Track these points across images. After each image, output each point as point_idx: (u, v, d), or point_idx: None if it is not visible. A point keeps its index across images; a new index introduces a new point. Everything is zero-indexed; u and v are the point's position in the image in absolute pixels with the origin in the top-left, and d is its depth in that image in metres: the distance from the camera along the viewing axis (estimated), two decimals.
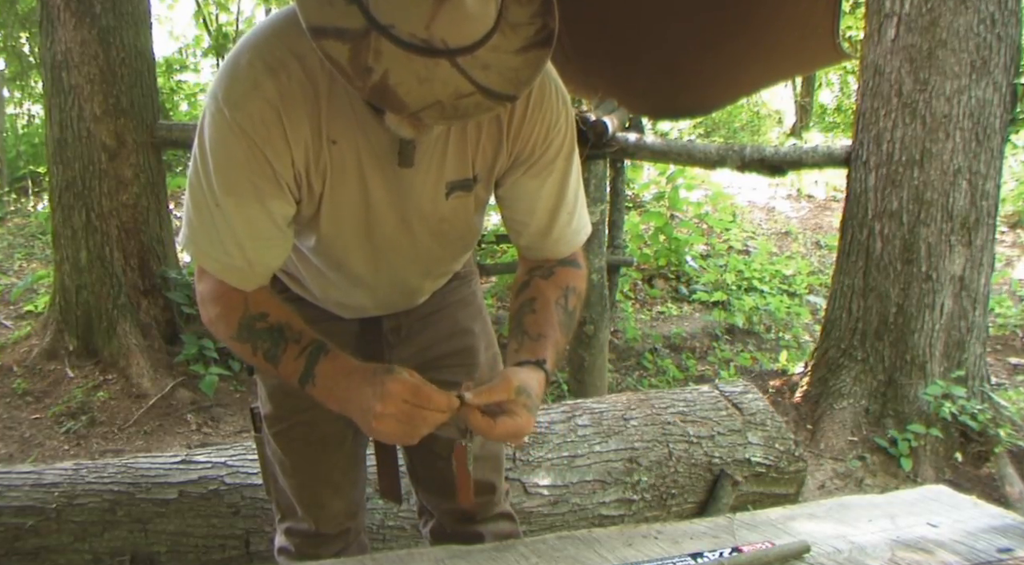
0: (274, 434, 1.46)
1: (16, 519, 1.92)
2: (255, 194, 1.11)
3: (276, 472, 1.50)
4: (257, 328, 1.18)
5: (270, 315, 1.19)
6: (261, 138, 1.08)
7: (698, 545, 1.22)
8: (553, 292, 1.32)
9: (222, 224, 1.12)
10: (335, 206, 1.18)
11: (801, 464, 2.52)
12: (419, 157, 1.16)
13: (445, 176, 1.21)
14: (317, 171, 1.14)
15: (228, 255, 1.14)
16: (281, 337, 1.18)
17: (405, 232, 1.25)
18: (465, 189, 1.23)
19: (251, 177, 1.10)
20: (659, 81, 4.56)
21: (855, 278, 3.51)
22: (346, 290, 1.35)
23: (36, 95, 8.39)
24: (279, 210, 1.14)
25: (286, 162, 1.11)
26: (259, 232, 1.14)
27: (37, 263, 5.74)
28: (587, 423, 2.37)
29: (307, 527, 1.49)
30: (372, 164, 1.16)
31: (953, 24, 3.21)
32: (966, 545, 1.22)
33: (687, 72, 4.47)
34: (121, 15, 3.76)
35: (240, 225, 1.12)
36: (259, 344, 1.18)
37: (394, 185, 1.19)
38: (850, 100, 11.31)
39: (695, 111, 6.60)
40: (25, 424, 3.50)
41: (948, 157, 3.28)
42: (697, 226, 6.61)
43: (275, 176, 1.11)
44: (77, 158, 3.76)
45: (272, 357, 1.18)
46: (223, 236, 1.13)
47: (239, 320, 1.18)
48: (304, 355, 1.16)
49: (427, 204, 1.22)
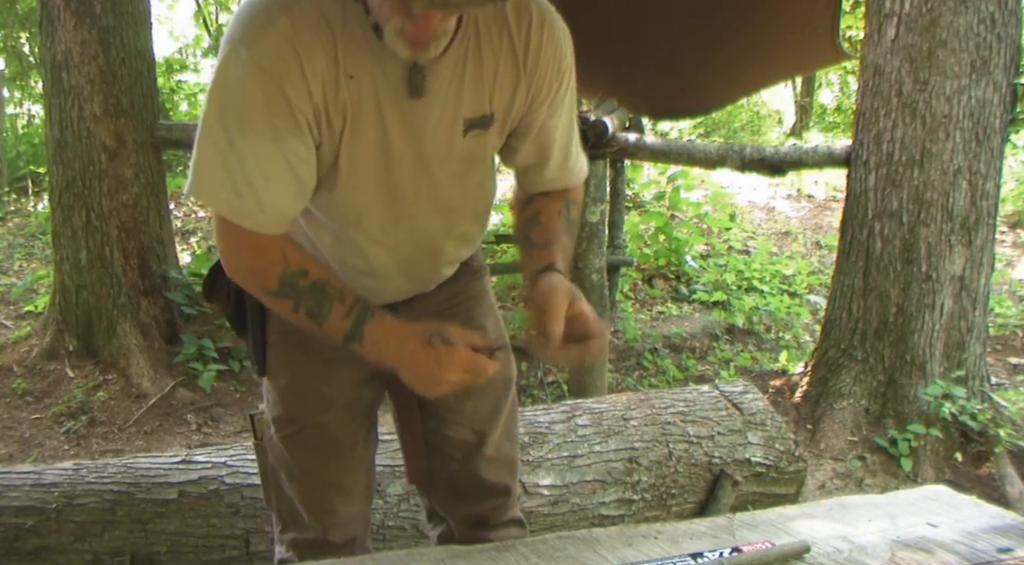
0: (283, 437, 1.43)
1: (16, 519, 1.92)
2: (271, 133, 1.09)
3: (280, 479, 1.47)
4: (300, 285, 1.18)
5: (311, 272, 1.19)
6: (278, 72, 1.07)
7: (698, 545, 1.22)
8: (555, 204, 1.39)
9: (235, 164, 1.11)
10: (355, 146, 1.17)
11: (801, 464, 2.52)
12: (435, 92, 1.16)
13: (462, 113, 1.20)
14: (336, 107, 1.13)
15: (240, 196, 1.12)
16: (325, 295, 1.18)
17: (424, 173, 1.23)
18: (483, 127, 1.23)
19: (267, 115, 1.09)
20: (659, 81, 4.56)
21: (855, 278, 3.51)
22: (367, 254, 1.31)
23: (36, 95, 8.39)
24: (294, 151, 1.12)
25: (304, 96, 1.10)
26: (272, 174, 1.12)
27: (37, 263, 5.74)
28: (587, 423, 2.37)
29: (313, 536, 1.46)
30: (388, 99, 1.15)
31: (953, 24, 3.21)
32: (966, 545, 1.22)
33: (687, 72, 4.47)
34: (121, 15, 3.76)
35: (253, 166, 1.11)
36: (302, 301, 1.18)
37: (411, 121, 1.17)
38: (850, 100, 11.31)
39: (695, 111, 6.60)
40: (25, 424, 3.50)
41: (948, 157, 3.28)
42: (697, 226, 6.60)
43: (292, 113, 1.10)
44: (77, 158, 3.76)
45: (316, 315, 1.18)
46: (235, 177, 1.11)
47: (279, 276, 1.17)
48: (351, 314, 1.18)
49: (444, 141, 1.21)
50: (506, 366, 1.51)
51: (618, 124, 3.82)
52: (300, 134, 1.12)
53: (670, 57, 4.29)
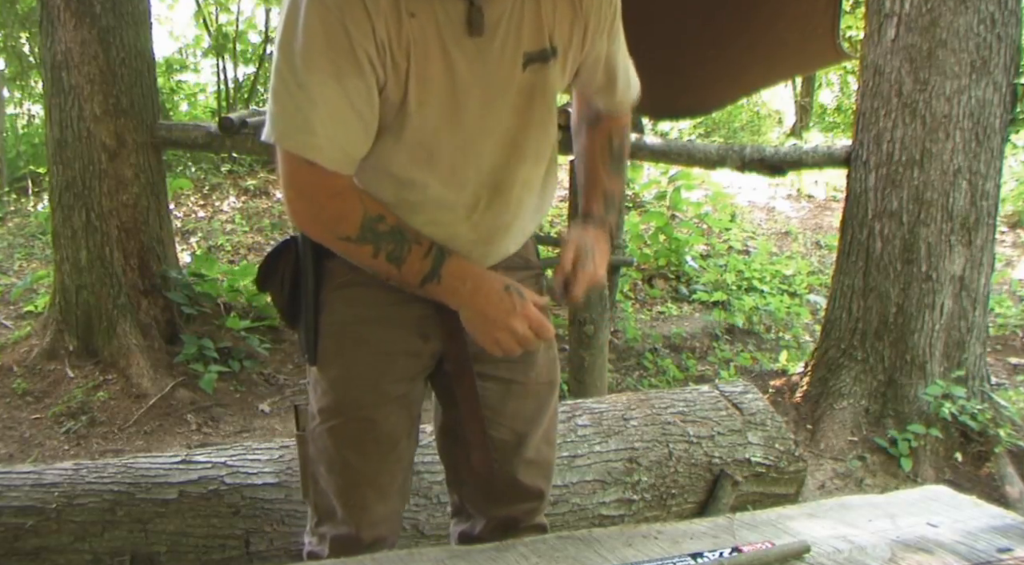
0: (328, 428, 1.41)
1: (16, 519, 1.92)
2: (334, 72, 1.12)
3: (319, 472, 1.46)
4: (380, 230, 1.21)
5: (387, 217, 1.22)
6: (341, 11, 1.10)
7: (698, 545, 1.22)
8: (600, 139, 1.48)
9: (305, 103, 1.14)
10: (422, 83, 1.18)
11: (801, 464, 2.52)
12: (494, 27, 1.19)
13: (522, 46, 1.22)
14: (400, 46, 1.15)
15: (313, 134, 1.15)
16: (403, 239, 1.22)
17: (489, 106, 1.25)
18: (542, 61, 1.25)
19: (330, 54, 1.11)
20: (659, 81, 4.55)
21: (855, 278, 3.51)
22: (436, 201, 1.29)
23: (36, 95, 8.39)
24: (356, 91, 1.14)
25: (367, 33, 1.12)
26: (337, 112, 1.15)
27: (37, 263, 5.74)
28: (587, 423, 2.37)
29: (346, 532, 1.44)
30: (451, 36, 1.17)
31: (953, 24, 3.21)
32: (966, 545, 1.22)
33: (687, 72, 4.47)
34: (121, 15, 3.75)
35: (321, 103, 1.13)
36: (383, 245, 1.22)
37: (474, 56, 1.20)
38: (850, 100, 11.32)
39: (695, 111, 6.60)
40: (25, 424, 3.50)
41: (948, 157, 3.28)
42: (697, 226, 6.61)
43: (354, 52, 1.12)
44: (77, 158, 3.75)
45: (396, 258, 1.22)
46: (308, 115, 1.14)
47: (361, 221, 1.20)
48: (430, 256, 1.23)
49: (507, 74, 1.23)
50: (551, 369, 1.51)
51: None
52: (362, 74, 1.14)
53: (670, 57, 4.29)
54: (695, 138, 10.32)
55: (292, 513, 2.00)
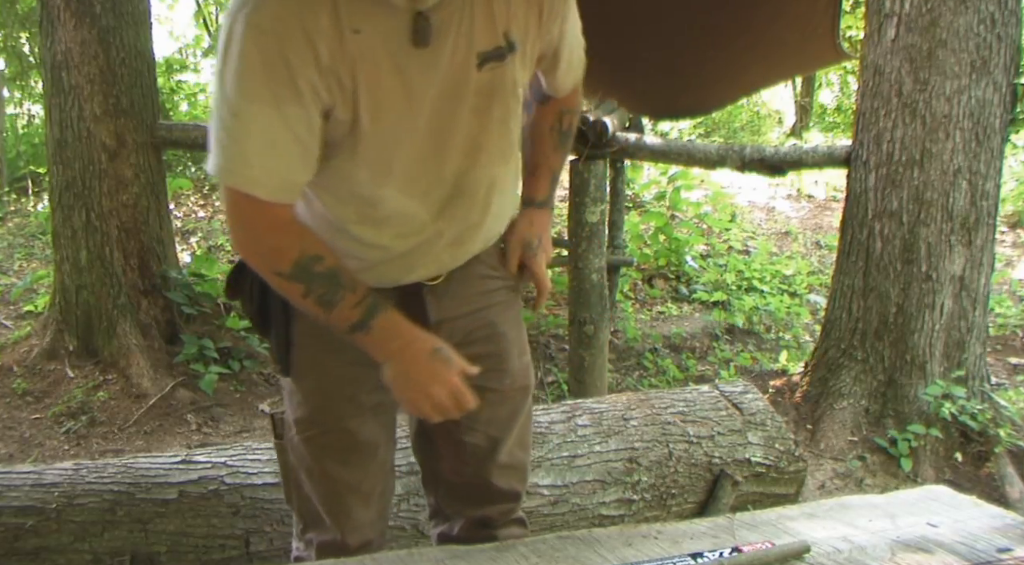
0: (306, 438, 1.41)
1: (16, 519, 1.92)
2: (272, 100, 1.09)
3: (301, 479, 1.46)
4: (314, 270, 1.18)
5: (326, 258, 1.20)
6: (279, 36, 1.06)
7: (698, 545, 1.22)
8: (547, 119, 1.48)
9: (240, 134, 1.11)
10: (373, 99, 1.15)
11: (801, 464, 2.52)
12: (444, 31, 1.15)
13: (475, 47, 1.19)
14: (345, 65, 1.11)
15: (249, 166, 1.13)
16: (338, 282, 1.20)
17: (446, 111, 1.22)
18: (497, 59, 1.22)
19: (266, 81, 1.08)
20: (659, 81, 4.56)
21: (855, 278, 3.51)
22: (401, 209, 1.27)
23: (36, 95, 8.38)
24: (297, 118, 1.11)
25: (308, 59, 1.08)
26: (275, 141, 1.11)
27: (37, 263, 5.73)
28: (587, 423, 2.37)
29: (332, 538, 1.45)
30: (399, 48, 1.14)
31: (953, 24, 3.21)
32: (966, 545, 1.22)
33: (687, 72, 4.46)
34: (121, 15, 3.75)
35: (257, 133, 1.11)
36: (315, 287, 1.19)
37: (426, 64, 1.16)
38: (850, 100, 11.31)
39: (695, 111, 6.59)
40: (25, 424, 3.50)
41: (948, 157, 3.28)
42: (697, 226, 6.60)
43: (293, 79, 1.08)
44: (77, 158, 3.75)
45: (327, 302, 1.20)
46: (243, 146, 1.12)
47: (295, 259, 1.18)
48: (362, 306, 1.21)
49: (461, 77, 1.20)
50: (525, 375, 1.51)
51: (618, 124, 3.82)
52: (302, 102, 1.10)
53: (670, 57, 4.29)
54: (695, 138, 10.32)
55: (292, 513, 2.00)
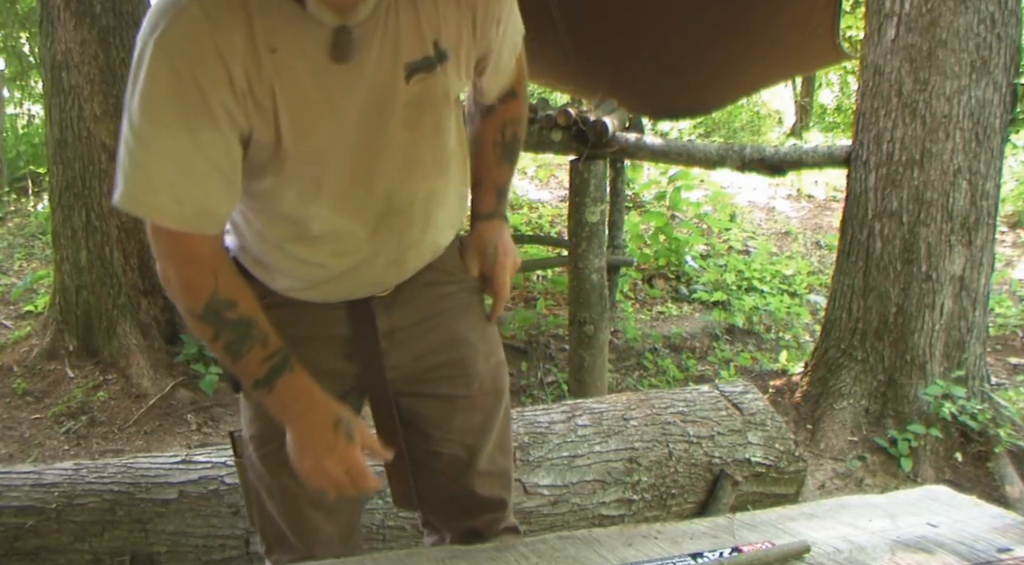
0: (261, 456, 1.37)
1: (16, 519, 1.92)
2: (183, 125, 1.03)
3: (263, 498, 1.41)
4: (225, 316, 1.13)
5: (240, 305, 1.14)
6: (191, 60, 1.01)
7: (698, 545, 1.22)
8: (490, 132, 1.43)
9: (148, 161, 1.05)
10: (295, 118, 1.10)
11: (801, 464, 2.52)
12: (367, 44, 1.09)
13: (401, 58, 1.13)
14: (263, 85, 1.06)
15: (155, 193, 1.06)
16: (248, 333, 1.14)
17: (373, 127, 1.16)
18: (427, 70, 1.15)
19: (177, 107, 1.02)
20: (659, 81, 4.56)
21: (855, 278, 3.51)
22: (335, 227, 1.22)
23: (36, 95, 8.39)
24: (212, 144, 1.05)
25: (222, 81, 1.03)
26: (189, 167, 1.05)
27: (37, 263, 5.74)
28: (587, 423, 2.37)
29: (300, 555, 1.41)
30: (321, 64, 1.08)
31: (953, 24, 3.21)
32: (966, 545, 1.22)
33: (687, 72, 4.47)
34: (121, 15, 3.75)
35: (167, 160, 1.05)
36: (223, 333, 1.14)
37: (349, 79, 1.10)
38: (850, 100, 11.32)
39: (695, 111, 6.61)
40: (25, 424, 3.50)
41: (948, 157, 3.28)
42: (697, 226, 6.61)
43: (207, 103, 1.03)
44: (77, 158, 3.75)
45: (234, 352, 1.14)
46: (150, 173, 1.06)
47: (207, 300, 1.12)
48: (270, 361, 1.15)
49: (387, 91, 1.14)
50: (496, 377, 1.45)
51: (618, 124, 3.82)
52: (217, 126, 1.05)
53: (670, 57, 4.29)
54: (695, 138, 10.33)
55: None
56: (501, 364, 1.47)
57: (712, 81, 4.67)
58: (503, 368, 1.48)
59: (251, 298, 1.17)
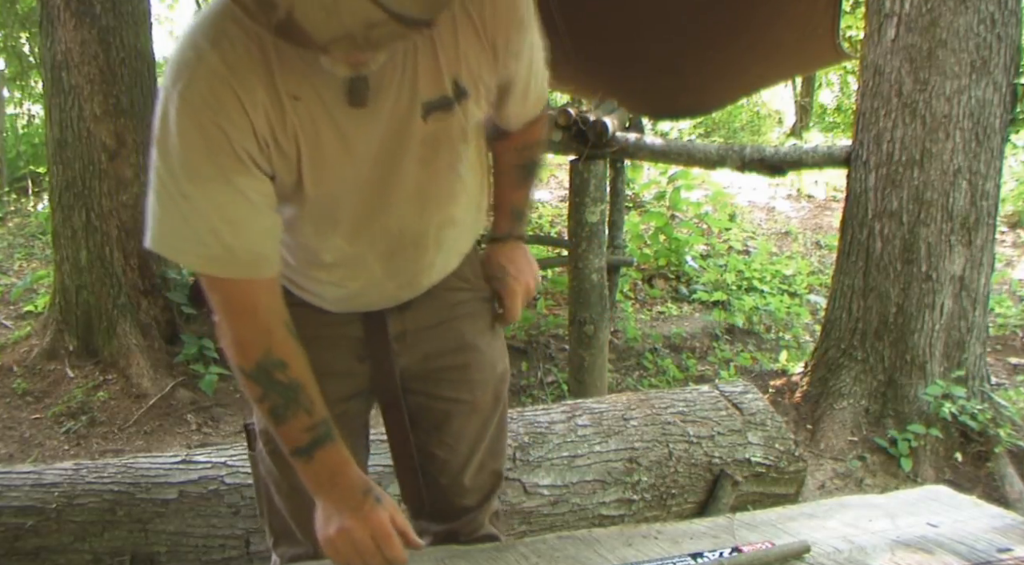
0: (270, 451, 1.38)
1: (16, 519, 1.92)
2: (219, 174, 1.05)
3: (271, 492, 1.43)
4: (275, 377, 1.14)
5: (291, 367, 1.15)
6: (214, 111, 1.02)
7: (698, 545, 1.22)
8: (508, 156, 1.43)
9: (191, 214, 1.06)
10: (317, 165, 1.12)
11: (801, 464, 2.52)
12: (385, 87, 1.09)
13: (419, 97, 1.13)
14: (286, 134, 1.08)
15: (205, 245, 1.08)
16: (295, 399, 1.15)
17: (389, 165, 1.17)
18: (444, 109, 1.15)
19: (211, 157, 1.04)
20: (659, 81, 4.56)
21: (855, 278, 3.51)
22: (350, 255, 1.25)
23: (36, 95, 8.39)
24: (249, 187, 1.08)
25: (246, 131, 1.05)
26: (232, 214, 1.07)
27: (37, 263, 5.74)
28: (587, 423, 2.37)
29: (304, 551, 1.42)
30: (339, 109, 1.09)
31: (953, 24, 3.21)
32: (966, 545, 1.22)
33: (687, 72, 4.47)
34: (121, 15, 3.76)
35: (211, 210, 1.06)
36: (271, 394, 1.15)
37: (367, 122, 1.11)
38: (850, 100, 11.32)
39: (695, 111, 6.61)
40: (25, 424, 3.50)
41: (948, 157, 3.28)
42: (697, 226, 6.61)
43: (234, 151, 1.05)
44: (77, 158, 3.76)
45: (279, 416, 1.16)
46: (195, 226, 1.07)
47: (259, 358, 1.14)
48: (313, 431, 1.16)
49: (404, 130, 1.14)
50: (499, 385, 1.48)
51: (618, 124, 3.82)
52: (248, 171, 1.07)
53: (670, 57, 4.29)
54: (695, 138, 10.33)
55: None
56: (505, 373, 1.50)
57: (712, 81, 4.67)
58: (506, 377, 1.50)
59: (303, 362, 1.17)
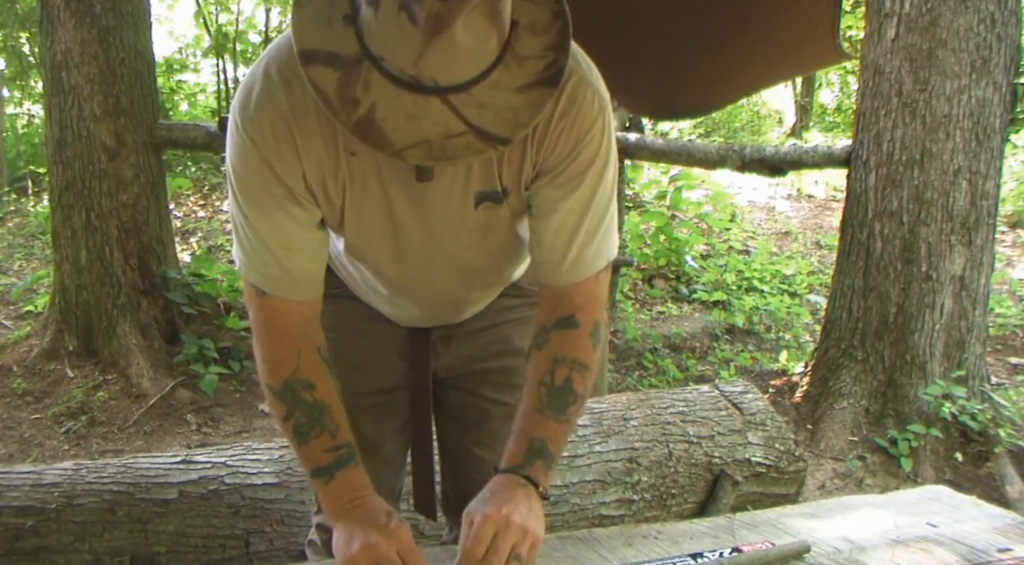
0: None
1: (16, 519, 1.92)
2: (275, 202, 1.10)
3: None
4: (301, 396, 1.16)
5: (317, 389, 1.17)
6: (269, 150, 1.06)
7: (698, 545, 1.22)
8: (540, 368, 1.20)
9: (252, 235, 1.13)
10: (359, 217, 1.15)
11: (801, 464, 2.52)
12: (442, 170, 1.10)
13: (472, 187, 1.14)
14: (336, 183, 1.11)
15: (265, 265, 1.14)
16: (320, 419, 1.16)
17: (435, 244, 1.20)
18: (494, 201, 1.16)
19: (267, 188, 1.09)
20: (659, 81, 4.55)
21: (855, 278, 3.51)
22: (390, 297, 1.32)
23: (36, 95, 8.39)
24: (302, 215, 1.13)
25: (295, 174, 1.09)
26: (288, 240, 1.13)
27: (37, 263, 5.74)
28: (587, 423, 2.37)
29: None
30: (393, 176, 1.12)
31: (953, 24, 3.21)
32: (966, 545, 1.22)
33: (687, 72, 4.46)
34: (121, 15, 3.76)
35: (269, 234, 1.12)
36: (296, 413, 1.16)
37: (418, 198, 1.14)
38: (850, 100, 11.32)
39: (695, 111, 6.59)
40: (25, 424, 3.50)
41: (948, 157, 3.28)
42: (697, 226, 6.61)
43: (286, 186, 1.09)
44: (77, 158, 3.76)
45: (302, 435, 1.16)
46: (256, 247, 1.13)
47: (286, 377, 1.16)
48: (335, 452, 1.16)
49: (454, 216, 1.17)
50: None
51: (618, 124, 3.82)
52: (299, 203, 1.12)
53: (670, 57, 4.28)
54: (695, 138, 10.32)
55: (292, 513, 2.00)
56: None
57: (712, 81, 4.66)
58: None
59: (331, 386, 1.19)
